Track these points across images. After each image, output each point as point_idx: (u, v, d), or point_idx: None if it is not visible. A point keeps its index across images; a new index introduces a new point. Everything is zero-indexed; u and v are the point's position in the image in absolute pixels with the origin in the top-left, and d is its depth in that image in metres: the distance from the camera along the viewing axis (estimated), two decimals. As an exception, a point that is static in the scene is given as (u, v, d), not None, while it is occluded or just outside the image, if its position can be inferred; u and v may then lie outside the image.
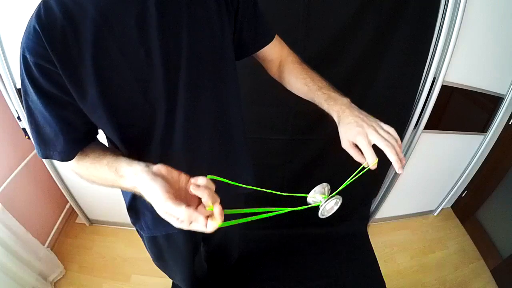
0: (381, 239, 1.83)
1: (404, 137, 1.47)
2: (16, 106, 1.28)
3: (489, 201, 1.77)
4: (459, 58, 1.21)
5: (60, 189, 1.62)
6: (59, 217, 1.84)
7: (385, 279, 1.61)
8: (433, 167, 1.72)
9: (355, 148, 0.57)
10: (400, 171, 0.53)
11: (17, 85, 1.23)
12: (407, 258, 1.74)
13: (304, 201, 0.58)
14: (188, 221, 0.43)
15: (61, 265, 1.60)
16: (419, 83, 1.32)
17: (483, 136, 1.63)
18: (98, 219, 1.87)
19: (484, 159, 1.74)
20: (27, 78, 0.51)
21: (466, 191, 1.91)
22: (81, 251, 1.74)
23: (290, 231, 1.79)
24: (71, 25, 0.49)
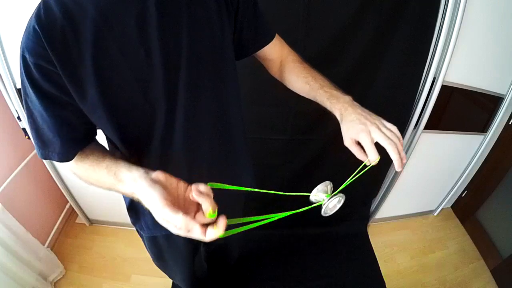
0: (381, 239, 1.83)
1: (404, 137, 1.47)
2: (16, 106, 1.28)
3: (489, 201, 1.77)
4: (459, 58, 1.21)
5: (60, 189, 1.62)
6: (59, 217, 1.84)
7: (385, 279, 1.61)
8: (433, 167, 1.72)
9: (357, 146, 0.57)
10: (399, 169, 0.54)
11: (17, 85, 1.23)
12: (407, 258, 1.74)
13: (305, 201, 0.58)
14: (185, 229, 0.44)
15: (61, 265, 1.60)
16: (419, 83, 1.32)
17: (483, 136, 1.63)
18: (98, 219, 1.87)
19: (484, 159, 1.74)
20: (27, 78, 0.51)
21: (466, 191, 1.91)
22: (81, 251, 1.74)
23: (290, 231, 1.79)
24: (71, 25, 0.49)
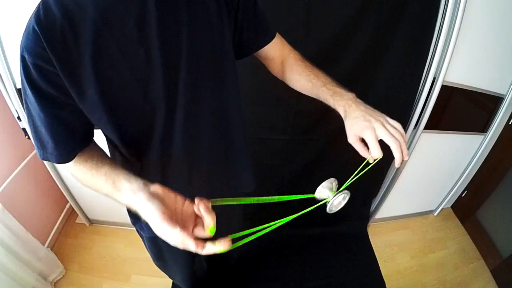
0: (381, 239, 1.83)
1: (404, 137, 1.47)
2: (16, 106, 1.28)
3: (489, 201, 1.77)
4: (459, 58, 1.21)
5: (60, 189, 1.62)
6: (59, 217, 1.84)
7: (385, 279, 1.61)
8: (433, 167, 1.71)
9: (361, 142, 0.57)
10: (398, 166, 0.54)
11: (17, 85, 1.23)
12: (407, 258, 1.74)
13: (308, 201, 0.58)
14: (181, 243, 0.46)
15: (61, 265, 1.60)
16: (419, 83, 1.32)
17: (483, 136, 1.63)
18: (98, 219, 1.87)
19: (484, 159, 1.74)
20: (25, 78, 0.51)
21: (466, 191, 1.91)
22: (81, 251, 1.74)
23: (290, 231, 1.79)
24: (70, 25, 0.49)
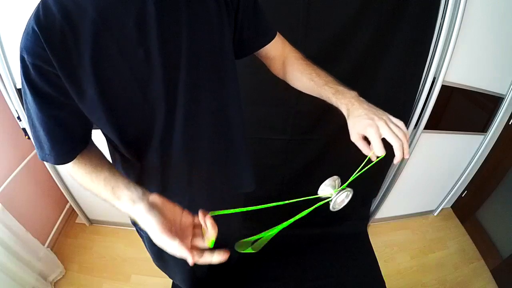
0: (381, 239, 1.83)
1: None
2: (16, 106, 1.28)
3: (489, 201, 1.77)
4: (459, 58, 1.21)
5: (60, 189, 1.62)
6: (59, 217, 1.84)
7: (385, 279, 1.61)
8: (433, 167, 1.71)
9: (364, 141, 0.56)
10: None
11: (17, 85, 1.23)
12: (407, 258, 1.74)
13: (309, 201, 0.58)
14: (179, 254, 0.49)
15: (61, 265, 1.60)
16: (419, 83, 1.32)
17: (483, 136, 1.63)
18: (98, 219, 1.87)
19: (484, 159, 1.74)
20: (25, 79, 0.51)
21: (466, 191, 1.91)
22: (81, 251, 1.74)
23: (290, 231, 1.76)
24: (69, 25, 0.49)
